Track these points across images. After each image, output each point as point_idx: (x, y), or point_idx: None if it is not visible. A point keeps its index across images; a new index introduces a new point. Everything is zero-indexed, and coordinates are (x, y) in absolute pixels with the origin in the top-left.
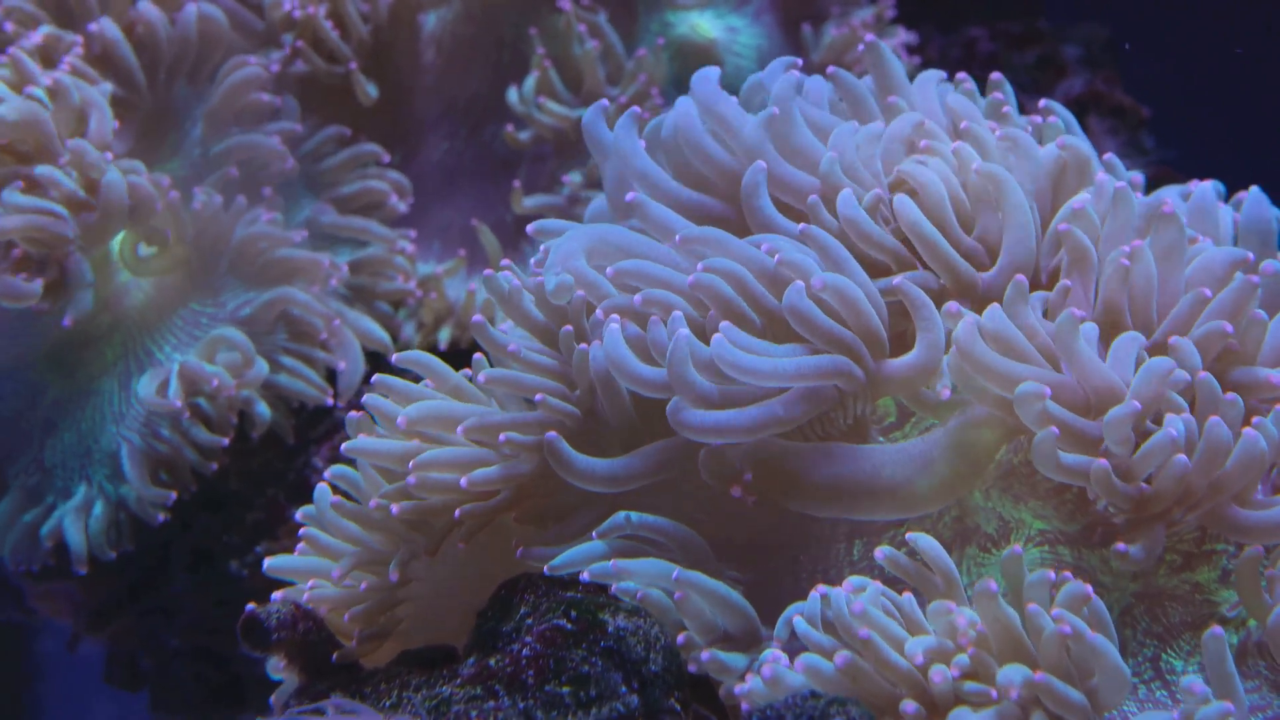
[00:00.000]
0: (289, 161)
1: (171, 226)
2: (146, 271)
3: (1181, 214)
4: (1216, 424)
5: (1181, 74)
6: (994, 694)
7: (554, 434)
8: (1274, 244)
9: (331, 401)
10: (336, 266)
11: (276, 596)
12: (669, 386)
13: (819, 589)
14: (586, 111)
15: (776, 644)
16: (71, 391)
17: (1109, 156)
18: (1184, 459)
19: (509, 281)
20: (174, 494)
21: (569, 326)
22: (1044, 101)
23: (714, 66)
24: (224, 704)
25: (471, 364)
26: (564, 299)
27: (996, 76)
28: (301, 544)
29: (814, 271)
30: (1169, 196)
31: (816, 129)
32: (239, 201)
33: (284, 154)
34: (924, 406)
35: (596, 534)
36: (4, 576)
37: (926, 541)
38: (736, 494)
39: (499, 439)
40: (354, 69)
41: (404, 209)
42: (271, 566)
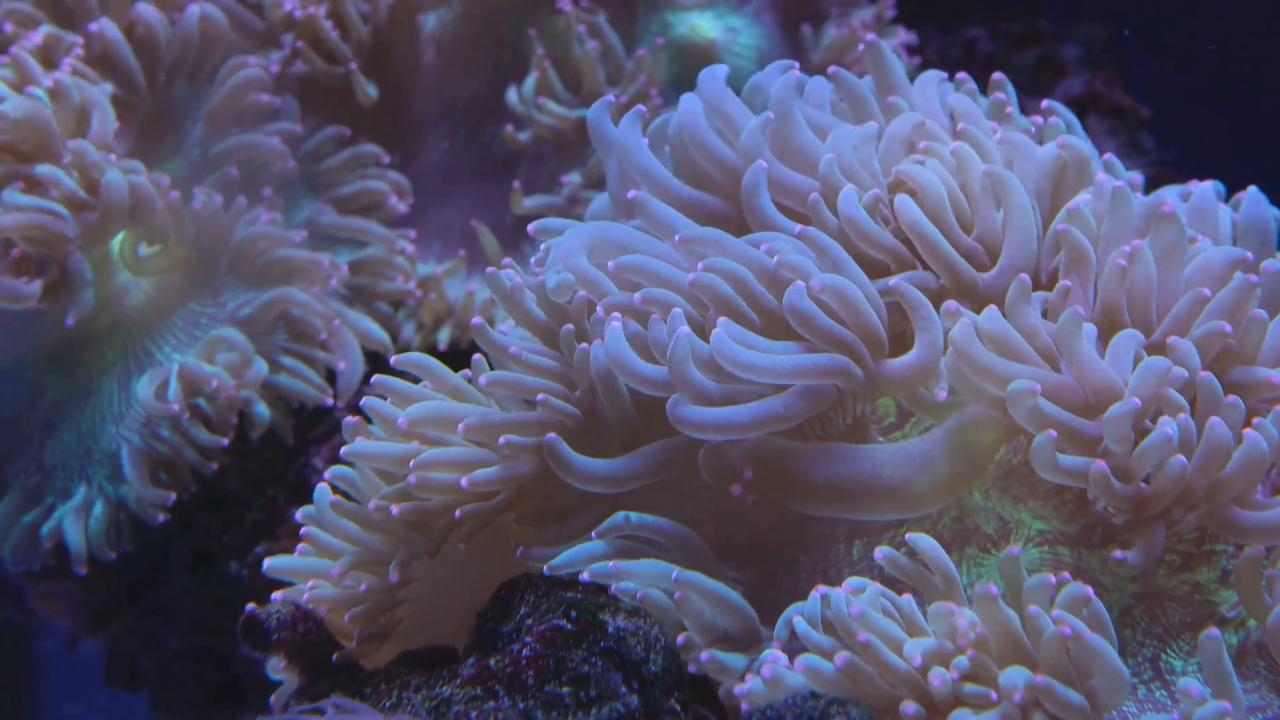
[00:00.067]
0: (289, 162)
1: (172, 226)
2: (146, 271)
3: (1181, 214)
4: (1217, 424)
5: (1181, 74)
6: (994, 696)
7: (554, 435)
8: (1273, 244)
9: (331, 402)
10: (336, 267)
11: (276, 597)
12: (669, 384)
13: (819, 589)
14: (592, 107)
15: (776, 644)
16: (71, 392)
17: (1109, 157)
18: (1181, 459)
19: (511, 279)
20: (174, 494)
21: (570, 325)
22: (1046, 102)
23: (721, 65)
24: (224, 704)
25: (471, 365)
26: (565, 297)
27: (999, 77)
28: (301, 544)
29: (813, 272)
30: (1169, 196)
31: (818, 130)
32: (239, 202)
33: (284, 154)
34: (922, 407)
35: (596, 534)
36: (4, 577)
37: (926, 542)
38: (736, 492)
39: (499, 440)
40: (354, 69)
41: (404, 209)
42: (271, 567)
